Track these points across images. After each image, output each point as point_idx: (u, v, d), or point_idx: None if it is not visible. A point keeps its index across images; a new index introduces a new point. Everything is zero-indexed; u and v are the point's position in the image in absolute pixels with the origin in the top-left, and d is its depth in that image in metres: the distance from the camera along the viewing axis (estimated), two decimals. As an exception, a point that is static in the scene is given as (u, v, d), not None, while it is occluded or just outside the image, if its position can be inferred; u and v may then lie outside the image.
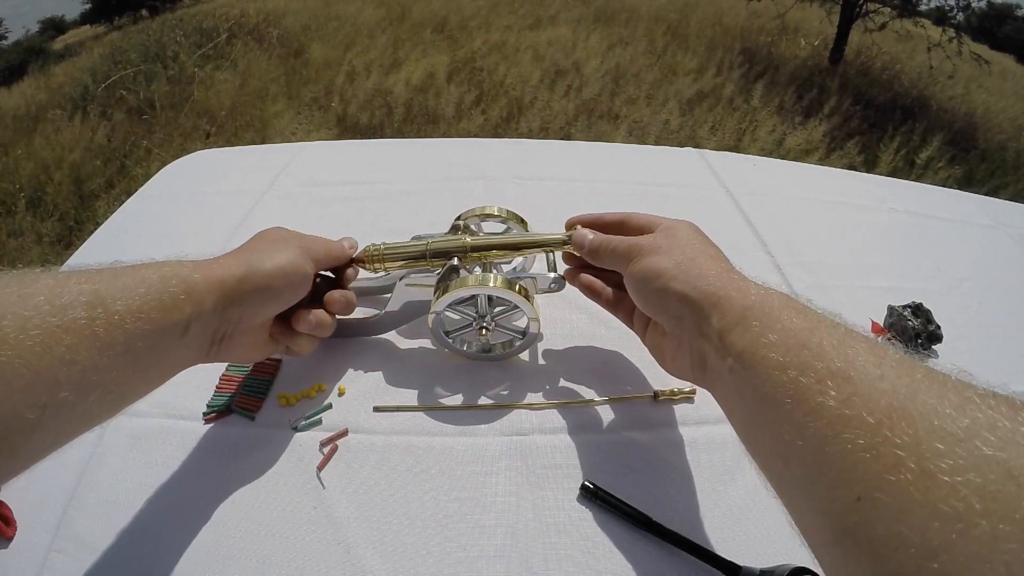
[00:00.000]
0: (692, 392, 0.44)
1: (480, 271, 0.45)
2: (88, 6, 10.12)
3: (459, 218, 0.49)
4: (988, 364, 0.50)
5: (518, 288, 0.42)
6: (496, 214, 0.49)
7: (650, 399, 0.44)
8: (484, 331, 0.44)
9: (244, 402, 0.43)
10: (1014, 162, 3.94)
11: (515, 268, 0.52)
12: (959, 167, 3.59)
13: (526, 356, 0.48)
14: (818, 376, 0.24)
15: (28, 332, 0.25)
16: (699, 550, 0.35)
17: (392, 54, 4.34)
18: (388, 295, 0.49)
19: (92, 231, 0.65)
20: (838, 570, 0.22)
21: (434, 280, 0.44)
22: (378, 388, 0.45)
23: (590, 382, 0.46)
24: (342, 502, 0.38)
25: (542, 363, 0.47)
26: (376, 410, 0.43)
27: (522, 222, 0.49)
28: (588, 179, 0.72)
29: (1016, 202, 0.78)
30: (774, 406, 0.26)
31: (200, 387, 0.44)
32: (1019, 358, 0.51)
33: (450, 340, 0.46)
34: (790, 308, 0.29)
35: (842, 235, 0.65)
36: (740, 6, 5.64)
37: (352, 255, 0.45)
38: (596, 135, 3.36)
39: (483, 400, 0.44)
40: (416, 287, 0.45)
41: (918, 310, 0.51)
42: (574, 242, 0.43)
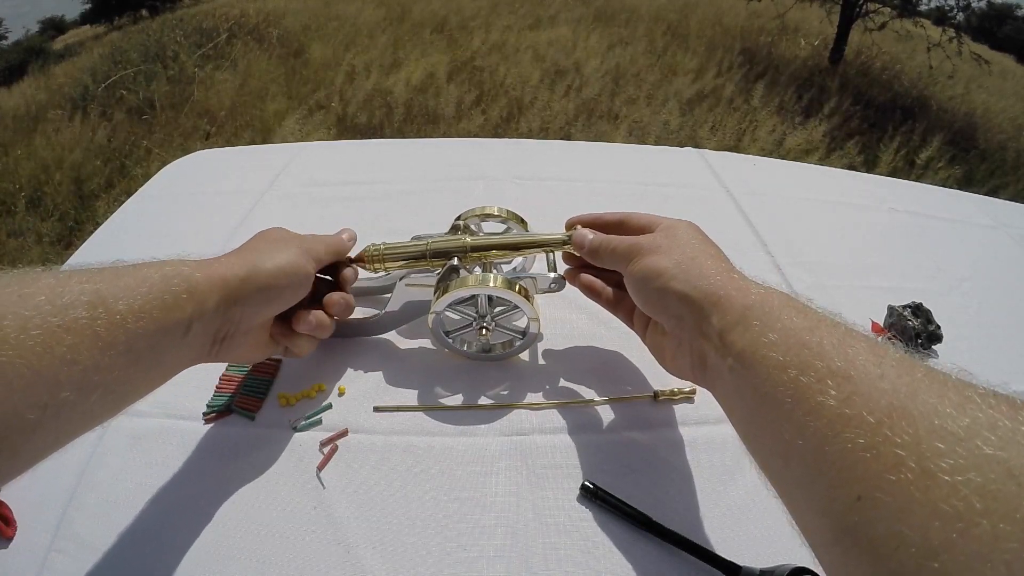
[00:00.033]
0: (692, 392, 0.44)
1: (480, 271, 0.45)
2: (88, 6, 10.13)
3: (459, 218, 0.49)
4: (988, 364, 0.50)
5: (518, 288, 0.42)
6: (496, 214, 0.49)
7: (650, 399, 0.44)
8: (484, 331, 0.44)
9: (244, 402, 0.43)
10: (1014, 162, 3.94)
11: (515, 268, 0.52)
12: (959, 167, 3.59)
13: (526, 356, 0.48)
14: (818, 375, 0.24)
15: (29, 332, 0.25)
16: (699, 550, 0.35)
17: (392, 54, 4.34)
18: (388, 295, 0.49)
19: (92, 231, 0.65)
20: (838, 569, 0.22)
21: (434, 280, 0.44)
22: (378, 388, 0.45)
23: (590, 382, 0.46)
24: (342, 502, 0.38)
25: (542, 363, 0.47)
26: (376, 410, 0.43)
27: (522, 222, 0.49)
28: (588, 179, 0.72)
29: (1016, 202, 0.78)
30: (774, 405, 0.26)
31: (200, 387, 0.44)
32: (1019, 358, 0.51)
33: (450, 340, 0.46)
34: (790, 307, 0.29)
35: (842, 235, 0.65)
36: (740, 6, 5.64)
37: (351, 246, 0.45)
38: (596, 135, 3.35)
39: (483, 400, 0.44)
40: (416, 287, 0.45)
41: (918, 310, 0.51)
42: (574, 242, 0.43)
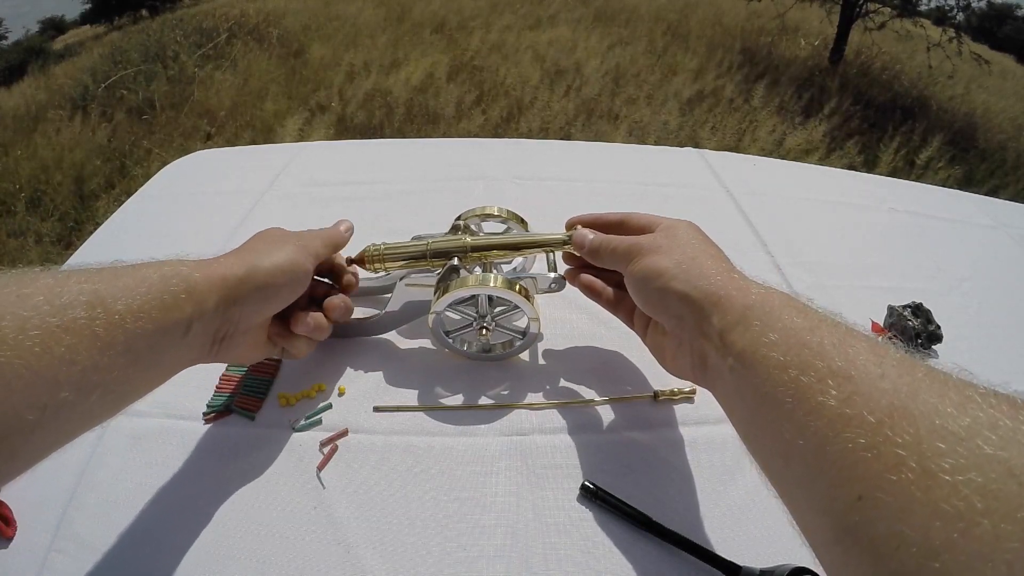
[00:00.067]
0: (692, 392, 0.44)
1: (480, 271, 0.45)
2: (88, 6, 10.13)
3: (459, 218, 0.49)
4: (988, 364, 0.50)
5: (518, 288, 0.41)
6: (496, 214, 0.49)
7: (650, 399, 0.44)
8: (484, 331, 0.44)
9: (244, 402, 0.43)
10: (1014, 162, 3.94)
11: (515, 268, 0.52)
12: (959, 167, 3.59)
13: (526, 356, 0.48)
14: (819, 375, 0.24)
15: (27, 332, 0.25)
16: (699, 550, 0.35)
17: (392, 54, 4.34)
18: (388, 295, 0.49)
19: (92, 231, 0.65)
20: (839, 569, 0.22)
21: (434, 280, 0.44)
22: (378, 388, 0.45)
23: (590, 382, 0.45)
24: (342, 502, 0.38)
25: (542, 363, 0.47)
26: (376, 410, 0.43)
27: (522, 222, 0.49)
28: (588, 179, 0.72)
29: (1016, 202, 0.78)
30: (775, 405, 0.26)
31: (200, 387, 0.44)
32: (1019, 358, 0.51)
33: (450, 340, 0.46)
34: (791, 307, 0.29)
35: (842, 235, 0.65)
36: (740, 6, 5.64)
37: (349, 237, 0.45)
38: (596, 135, 3.35)
39: (483, 400, 0.44)
40: (416, 287, 0.45)
41: (918, 310, 0.51)
42: (574, 242, 0.43)
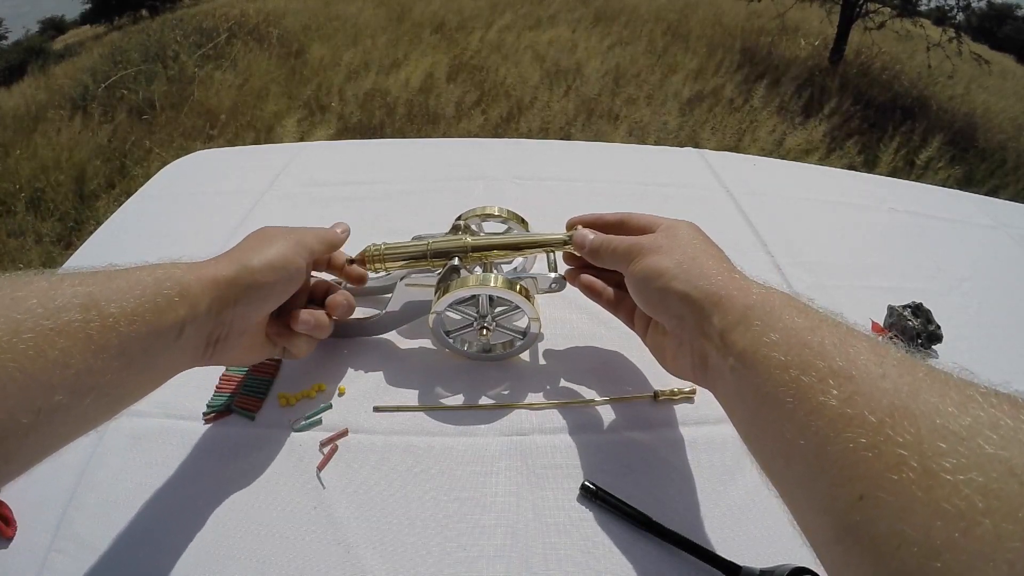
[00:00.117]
0: (692, 392, 0.44)
1: (481, 271, 0.45)
2: (88, 6, 10.13)
3: (459, 218, 0.49)
4: (988, 364, 0.50)
5: (519, 288, 0.41)
6: (496, 214, 0.49)
7: (650, 399, 0.44)
8: (485, 331, 0.44)
9: (244, 402, 0.43)
10: (1014, 162, 3.94)
11: (516, 268, 0.52)
12: (959, 167, 3.59)
13: (526, 356, 0.48)
14: (820, 375, 0.24)
15: (21, 335, 0.25)
16: (699, 550, 0.35)
17: (392, 54, 4.34)
18: (388, 295, 0.49)
19: (92, 231, 0.65)
20: (840, 569, 0.22)
21: (435, 280, 0.44)
22: (378, 388, 0.45)
23: (590, 382, 0.45)
24: (342, 502, 0.38)
25: (542, 363, 0.47)
26: (376, 410, 0.43)
27: (522, 222, 0.49)
28: (588, 179, 0.72)
29: (1016, 202, 0.78)
30: (776, 405, 0.26)
31: (200, 387, 0.44)
32: (1019, 358, 0.51)
33: (450, 340, 0.46)
34: (791, 307, 0.29)
35: (842, 235, 0.65)
36: (740, 6, 5.64)
37: (345, 238, 0.44)
38: (596, 135, 3.35)
39: (483, 400, 0.44)
40: (417, 287, 0.45)
41: (918, 310, 0.51)
42: (575, 242, 0.43)
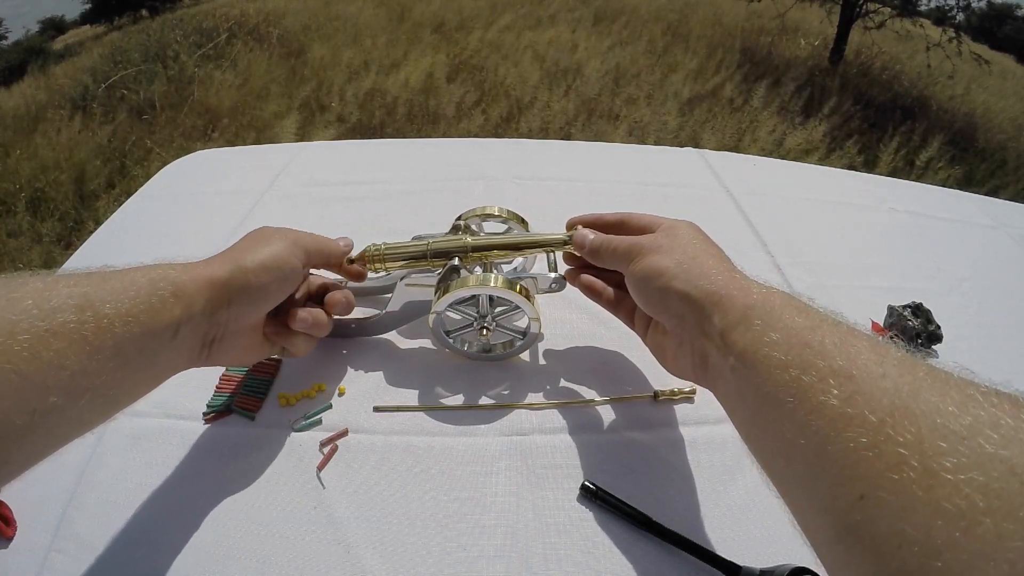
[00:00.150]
0: (692, 392, 0.44)
1: (481, 271, 0.45)
2: (88, 6, 10.13)
3: (459, 218, 0.49)
4: (988, 364, 0.50)
5: (519, 288, 0.41)
6: (497, 214, 0.49)
7: (650, 399, 0.44)
8: (485, 331, 0.44)
9: (244, 402, 0.43)
10: (1014, 162, 3.94)
11: (516, 268, 0.52)
12: (959, 167, 3.59)
13: (526, 356, 0.48)
14: (820, 375, 0.24)
15: (16, 337, 0.25)
16: (699, 550, 0.35)
17: (392, 54, 4.34)
18: (388, 295, 0.49)
19: (92, 231, 0.65)
20: (840, 568, 0.22)
21: (435, 280, 0.44)
22: (378, 388, 0.45)
23: (590, 382, 0.45)
24: (342, 502, 0.38)
25: (542, 363, 0.47)
26: (376, 410, 0.43)
27: (523, 222, 0.49)
28: (588, 179, 0.72)
29: (1016, 202, 0.78)
30: (776, 405, 0.26)
31: (200, 387, 0.44)
32: (1019, 358, 0.51)
33: (451, 340, 0.46)
34: (792, 307, 0.29)
35: (842, 235, 0.65)
36: (740, 6, 5.64)
37: (347, 252, 0.44)
38: (596, 135, 3.35)
39: (483, 400, 0.44)
40: (417, 287, 0.45)
41: (918, 310, 0.51)
42: (575, 242, 0.43)
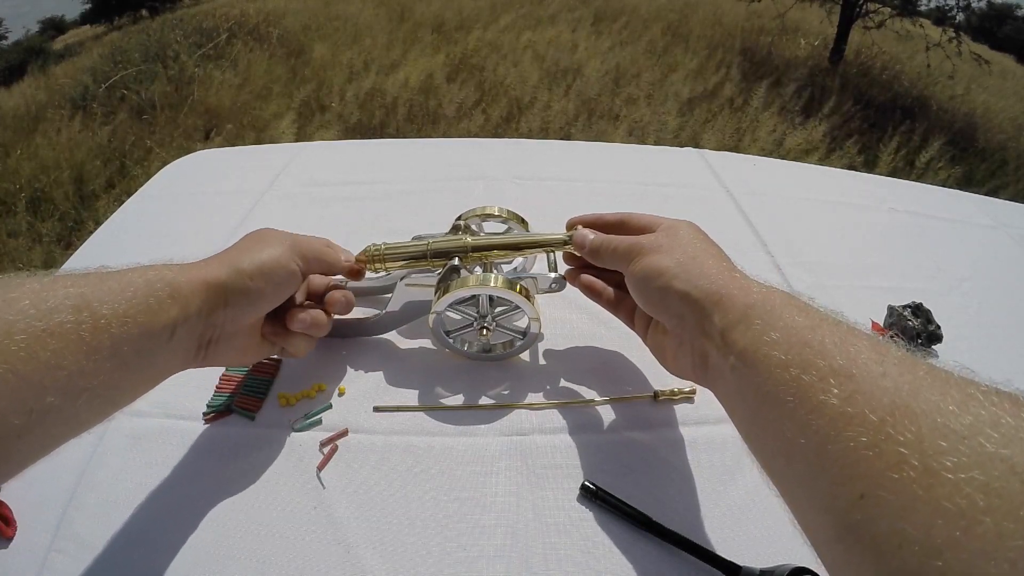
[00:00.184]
0: (692, 392, 0.44)
1: (481, 271, 0.45)
2: (88, 6, 10.14)
3: (460, 218, 0.49)
4: (988, 364, 0.49)
5: (519, 288, 0.41)
6: (497, 214, 0.49)
7: (650, 399, 0.44)
8: (485, 331, 0.44)
9: (244, 402, 0.43)
10: (1014, 162, 3.94)
11: (516, 268, 0.52)
12: (959, 167, 3.59)
13: (526, 356, 0.48)
14: (820, 374, 0.24)
15: (13, 337, 0.25)
16: (699, 550, 0.35)
17: (392, 54, 4.34)
18: (388, 295, 0.49)
19: (92, 231, 0.65)
20: (840, 568, 0.22)
21: (435, 280, 0.44)
22: (378, 388, 0.45)
23: (590, 382, 0.45)
24: (342, 502, 0.38)
25: (542, 363, 0.47)
26: (376, 410, 0.43)
27: (523, 222, 0.49)
28: (588, 179, 0.72)
29: (1016, 202, 0.78)
30: (776, 404, 0.26)
31: (200, 387, 0.44)
32: (1020, 358, 0.51)
33: (451, 340, 0.46)
34: (792, 306, 0.29)
35: (842, 235, 0.65)
36: (740, 6, 5.64)
37: (346, 265, 0.43)
38: (596, 135, 3.35)
39: (483, 400, 0.44)
40: (417, 287, 0.45)
41: (918, 310, 0.51)
42: (575, 242, 0.43)
